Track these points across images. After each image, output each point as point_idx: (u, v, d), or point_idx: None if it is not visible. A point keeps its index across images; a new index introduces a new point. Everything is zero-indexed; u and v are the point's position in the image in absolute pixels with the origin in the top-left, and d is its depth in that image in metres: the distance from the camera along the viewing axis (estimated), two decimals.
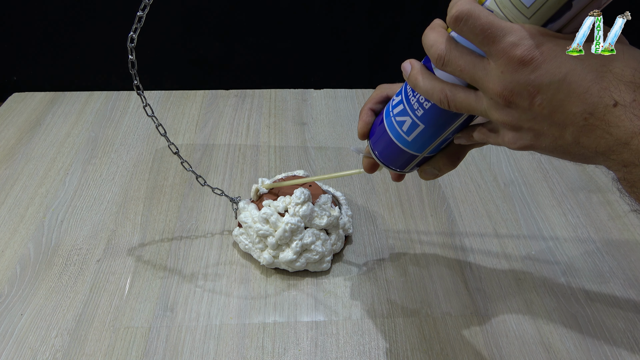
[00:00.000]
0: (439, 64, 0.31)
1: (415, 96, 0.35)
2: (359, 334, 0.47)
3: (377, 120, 0.40)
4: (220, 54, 0.83)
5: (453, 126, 0.35)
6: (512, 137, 0.31)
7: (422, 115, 0.35)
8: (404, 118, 0.36)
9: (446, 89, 0.31)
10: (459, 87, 0.31)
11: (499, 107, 0.29)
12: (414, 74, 0.33)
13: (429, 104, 0.34)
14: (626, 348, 0.46)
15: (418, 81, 0.33)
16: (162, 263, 0.53)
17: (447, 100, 0.31)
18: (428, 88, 0.32)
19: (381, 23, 0.81)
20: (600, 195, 0.64)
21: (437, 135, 0.36)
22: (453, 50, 0.30)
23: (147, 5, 0.41)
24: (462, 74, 0.30)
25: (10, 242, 0.55)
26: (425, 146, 0.37)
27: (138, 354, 0.45)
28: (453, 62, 0.30)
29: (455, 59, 0.30)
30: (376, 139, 0.40)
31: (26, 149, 0.69)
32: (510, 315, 0.49)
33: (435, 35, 0.31)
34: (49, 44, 0.81)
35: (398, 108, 0.37)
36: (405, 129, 0.36)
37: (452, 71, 0.31)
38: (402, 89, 0.37)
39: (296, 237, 0.50)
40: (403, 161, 0.39)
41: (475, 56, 0.29)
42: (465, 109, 0.31)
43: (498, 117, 0.30)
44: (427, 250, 0.56)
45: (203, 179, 0.54)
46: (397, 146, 0.38)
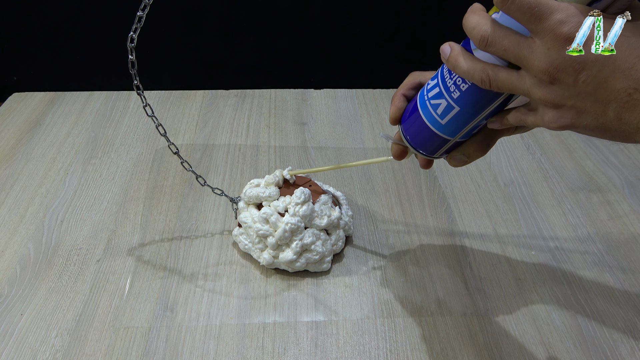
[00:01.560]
0: (482, 44, 0.31)
1: (452, 78, 0.35)
2: (359, 334, 0.47)
3: (409, 105, 0.41)
4: (220, 54, 0.83)
5: (488, 109, 0.35)
6: (553, 116, 0.31)
7: (458, 97, 0.35)
8: (439, 101, 0.36)
9: (488, 69, 0.32)
10: (501, 67, 0.32)
11: (543, 84, 0.30)
12: (454, 55, 0.33)
13: (466, 85, 0.34)
14: (626, 348, 0.46)
15: (459, 62, 0.33)
16: (162, 263, 0.53)
17: (488, 79, 0.32)
18: (469, 68, 0.32)
19: (381, 23, 0.81)
20: (600, 195, 0.64)
21: (472, 119, 0.36)
22: (497, 30, 0.30)
23: (147, 5, 0.41)
24: (506, 53, 0.30)
25: (10, 242, 0.55)
26: (459, 130, 0.37)
27: (138, 354, 0.45)
28: (497, 42, 0.30)
29: (499, 39, 0.30)
30: (409, 124, 0.40)
31: (26, 149, 0.69)
32: (510, 315, 0.49)
33: (477, 18, 0.32)
34: (49, 44, 0.81)
35: (433, 91, 0.37)
36: (439, 112, 0.37)
37: (496, 51, 0.31)
38: (439, 72, 0.37)
39: (296, 237, 0.50)
40: (435, 146, 0.39)
41: (519, 35, 0.30)
42: (507, 88, 0.32)
43: (541, 95, 0.30)
44: (427, 250, 0.56)
45: (203, 179, 0.54)
46: (430, 130, 0.38)
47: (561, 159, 0.70)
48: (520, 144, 0.73)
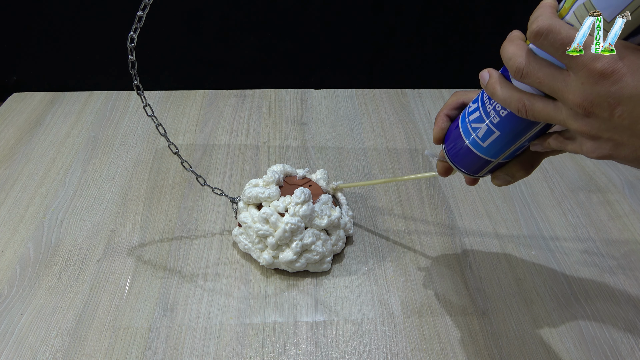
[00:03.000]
0: (517, 75, 0.31)
1: (491, 104, 0.36)
2: (359, 334, 0.47)
3: (452, 125, 0.41)
4: (220, 54, 0.83)
5: (529, 134, 0.35)
6: (591, 146, 0.31)
7: (498, 122, 0.35)
8: (480, 125, 0.37)
9: (524, 99, 0.32)
10: (537, 97, 0.31)
11: (579, 117, 0.30)
12: (492, 82, 0.33)
13: (506, 112, 0.35)
14: (626, 348, 0.46)
15: (496, 90, 0.33)
16: (162, 263, 0.53)
17: (524, 109, 0.32)
18: (506, 97, 0.33)
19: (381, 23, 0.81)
20: (600, 195, 0.64)
21: (512, 143, 0.36)
22: (532, 62, 0.30)
23: (147, 5, 0.41)
24: (541, 86, 0.30)
25: (10, 242, 0.55)
26: (500, 153, 0.37)
27: (138, 354, 0.45)
28: (532, 74, 0.30)
29: (534, 71, 0.30)
30: (451, 144, 0.41)
31: (26, 149, 0.69)
32: (510, 315, 0.49)
33: (514, 48, 0.31)
34: (49, 44, 0.81)
35: (474, 115, 0.38)
36: (480, 135, 0.37)
37: (531, 83, 0.31)
38: (479, 96, 0.38)
39: (296, 238, 0.50)
40: (477, 166, 0.40)
41: (554, 68, 0.30)
42: (543, 118, 0.32)
43: (577, 126, 0.30)
44: (427, 250, 0.56)
45: (203, 179, 0.54)
46: (472, 151, 0.39)
47: (561, 159, 0.70)
48: None
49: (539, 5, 0.30)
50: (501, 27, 0.82)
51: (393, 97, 0.83)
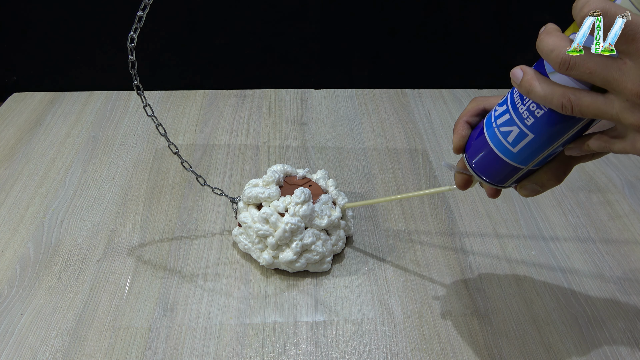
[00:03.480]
0: (563, 68, 0.29)
1: (525, 104, 0.33)
2: (359, 334, 0.47)
3: (474, 132, 0.39)
4: (220, 54, 0.83)
5: (566, 136, 0.33)
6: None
7: (532, 124, 0.33)
8: (510, 128, 0.34)
9: (569, 93, 0.29)
10: (583, 91, 0.29)
11: (637, 109, 0.28)
12: (528, 79, 0.31)
13: (542, 111, 0.32)
14: (626, 348, 0.46)
15: (534, 87, 0.30)
16: (162, 263, 0.53)
17: (570, 104, 0.29)
18: (546, 93, 0.30)
19: (381, 23, 0.81)
20: (600, 195, 0.64)
21: (547, 146, 0.34)
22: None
23: (147, 5, 0.41)
24: (592, 77, 0.28)
25: (10, 242, 0.55)
26: (532, 158, 0.35)
27: (138, 354, 0.45)
28: (580, 65, 0.28)
29: (583, 61, 0.28)
30: (474, 152, 0.38)
31: (26, 149, 0.69)
32: (510, 315, 0.49)
33: (555, 39, 0.29)
34: (49, 44, 0.81)
35: (503, 118, 0.35)
36: (510, 140, 0.35)
37: (579, 74, 0.29)
38: (508, 97, 0.35)
39: (296, 238, 0.50)
40: (504, 175, 0.37)
41: (605, 56, 0.28)
42: (592, 113, 0.29)
43: (634, 120, 0.28)
44: (427, 250, 0.56)
45: (203, 179, 0.54)
46: (500, 158, 0.36)
47: None
48: None
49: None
50: (501, 27, 0.82)
51: (393, 97, 0.83)
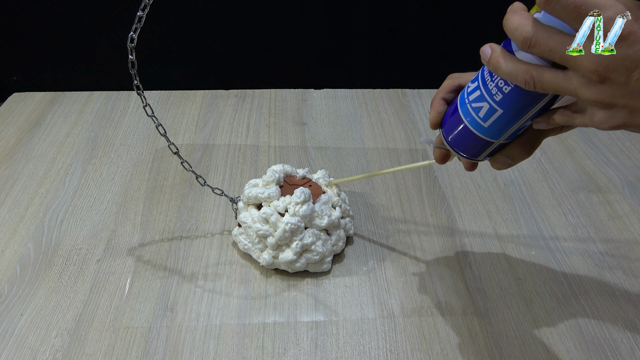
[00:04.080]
0: (525, 46, 0.30)
1: (494, 81, 0.34)
2: (359, 334, 0.47)
3: (449, 108, 0.40)
4: (220, 54, 0.83)
5: (533, 110, 0.34)
6: (604, 116, 0.30)
7: (500, 99, 0.34)
8: (481, 104, 0.36)
9: (532, 70, 0.31)
10: (545, 67, 0.30)
11: (592, 84, 0.29)
12: (495, 56, 0.32)
13: (509, 87, 0.33)
14: (626, 348, 0.46)
15: (500, 64, 0.32)
16: (162, 263, 0.53)
17: (533, 81, 0.31)
18: (511, 70, 0.31)
19: (381, 23, 0.81)
20: (600, 195, 0.64)
21: (516, 121, 0.35)
22: (540, 31, 0.29)
23: (147, 5, 0.41)
24: (552, 54, 0.29)
25: (10, 242, 0.55)
26: (502, 132, 0.36)
27: (138, 354, 0.45)
28: (541, 43, 0.29)
29: (544, 40, 0.29)
30: (450, 127, 0.40)
31: (26, 149, 0.69)
32: (510, 315, 0.49)
33: (519, 18, 0.30)
34: (49, 44, 0.81)
35: (474, 94, 0.36)
36: (482, 115, 0.36)
37: (540, 52, 0.30)
38: (479, 75, 0.36)
39: (296, 238, 0.50)
40: (478, 148, 0.39)
41: (564, 35, 0.29)
42: (553, 89, 0.31)
43: (590, 95, 0.29)
44: (427, 250, 0.56)
45: (203, 179, 0.54)
46: (473, 133, 0.37)
47: (561, 159, 0.70)
48: None
49: None
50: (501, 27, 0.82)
51: (393, 97, 0.83)
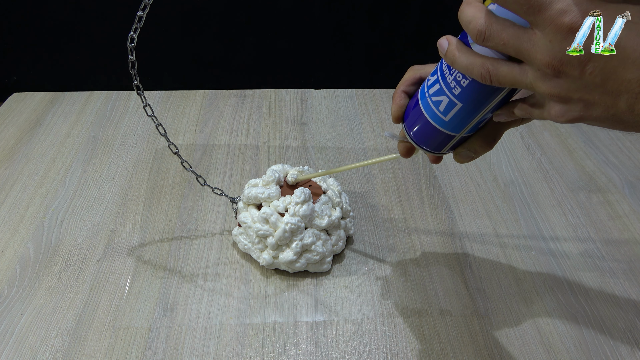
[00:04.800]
0: (479, 39, 0.29)
1: (452, 74, 0.34)
2: (359, 334, 0.47)
3: (411, 102, 0.40)
4: (220, 54, 0.83)
5: (492, 103, 0.34)
6: (560, 110, 0.29)
7: (459, 93, 0.34)
8: (441, 97, 0.35)
9: (487, 64, 0.30)
10: (501, 61, 0.30)
11: (547, 78, 0.28)
12: (451, 50, 0.32)
13: (467, 81, 0.33)
14: (626, 348, 0.46)
15: (456, 57, 0.31)
16: (162, 263, 0.53)
17: (489, 75, 0.30)
18: (467, 64, 0.31)
19: (381, 23, 0.81)
20: (600, 195, 0.64)
21: (476, 114, 0.35)
22: (494, 23, 0.29)
23: (147, 5, 0.41)
24: (506, 48, 0.29)
25: (10, 242, 0.55)
26: (463, 126, 0.36)
27: (138, 354, 0.45)
28: (495, 36, 0.29)
29: (497, 33, 0.29)
30: (411, 122, 0.39)
31: (26, 149, 0.69)
32: (510, 315, 0.49)
33: (473, 10, 0.30)
34: (49, 44, 0.81)
35: (434, 88, 0.36)
36: (442, 109, 0.36)
37: (494, 45, 0.29)
38: (438, 68, 0.36)
39: (296, 238, 0.50)
40: (439, 142, 0.38)
41: (518, 27, 0.28)
42: (509, 82, 0.30)
43: (545, 88, 0.29)
44: (427, 250, 0.56)
45: (203, 179, 0.54)
46: (434, 127, 0.37)
47: (561, 159, 0.70)
48: (520, 144, 0.73)
49: None
50: None
51: None
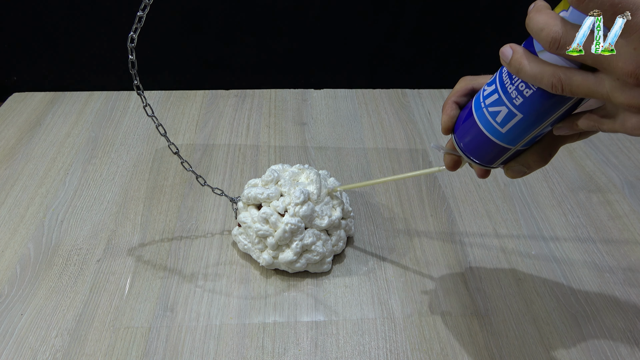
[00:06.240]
0: (553, 47, 0.28)
1: (513, 84, 0.33)
2: (359, 334, 0.47)
3: (462, 113, 0.39)
4: (220, 54, 0.83)
5: (555, 115, 0.32)
6: (638, 122, 0.28)
7: (521, 103, 0.33)
8: (499, 108, 0.34)
9: (559, 72, 0.29)
10: (574, 70, 0.29)
11: (627, 88, 0.27)
12: (518, 58, 0.30)
13: (530, 91, 0.32)
14: (626, 348, 0.46)
15: (523, 66, 0.30)
16: (162, 263, 0.53)
17: (560, 84, 0.29)
18: (537, 72, 0.29)
19: (381, 23, 0.81)
20: (600, 195, 0.64)
21: (536, 126, 0.33)
22: (570, 30, 0.27)
23: (147, 5, 0.41)
24: (582, 56, 0.28)
25: (10, 242, 0.55)
26: (521, 138, 0.35)
27: (138, 354, 0.45)
28: (571, 44, 0.27)
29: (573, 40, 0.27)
30: (463, 133, 0.38)
31: (26, 149, 0.69)
32: (510, 315, 0.49)
33: (545, 17, 0.28)
34: (49, 44, 0.81)
35: (491, 98, 0.35)
36: (499, 120, 0.34)
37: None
38: (497, 77, 0.35)
39: (296, 238, 0.50)
40: (493, 155, 0.37)
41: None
42: (583, 92, 0.29)
43: (624, 99, 0.27)
44: (427, 250, 0.56)
45: (203, 179, 0.54)
46: (489, 139, 0.36)
47: (561, 159, 0.70)
48: None
49: None
50: (502, 27, 0.82)
51: (393, 97, 0.83)
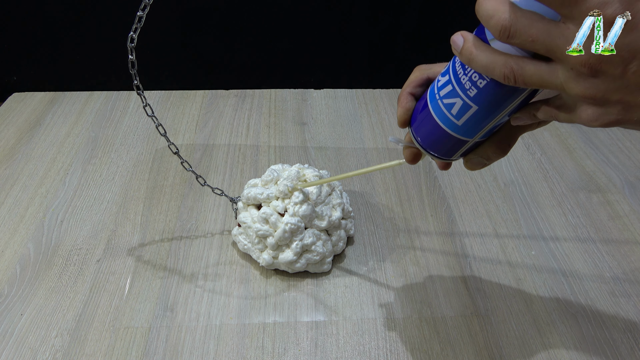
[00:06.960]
0: (503, 36, 0.26)
1: (467, 74, 0.31)
2: (359, 334, 0.47)
3: (418, 105, 0.36)
4: (220, 54, 0.83)
5: (511, 106, 0.31)
6: (594, 113, 0.26)
7: (475, 95, 0.31)
8: (453, 100, 0.32)
9: (511, 62, 0.27)
10: (526, 59, 0.27)
11: (582, 77, 0.25)
12: (468, 47, 0.28)
13: (484, 81, 0.30)
14: (626, 348, 0.46)
15: (474, 55, 0.28)
16: (162, 263, 0.53)
17: (513, 74, 0.27)
18: (487, 62, 0.28)
19: (381, 23, 0.81)
20: (600, 195, 0.64)
21: (492, 117, 0.32)
22: (520, 18, 0.25)
23: (147, 5, 0.41)
24: (534, 45, 0.26)
25: (10, 242, 0.55)
26: (477, 130, 0.33)
27: (138, 354, 0.45)
28: (522, 32, 0.25)
29: (525, 28, 0.25)
30: (419, 126, 0.36)
31: (26, 149, 0.69)
32: (510, 315, 0.49)
33: (494, 3, 0.26)
34: (49, 44, 0.81)
35: (445, 89, 0.32)
36: (454, 112, 0.32)
37: (521, 42, 0.26)
38: (450, 67, 0.32)
39: (296, 238, 0.50)
40: (451, 148, 0.35)
41: (548, 22, 0.25)
42: (536, 83, 0.27)
43: (579, 90, 0.26)
44: (427, 250, 0.56)
45: (203, 179, 0.54)
46: (445, 131, 0.34)
47: (561, 159, 0.70)
48: (520, 144, 0.73)
49: None
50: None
51: (393, 97, 0.83)
